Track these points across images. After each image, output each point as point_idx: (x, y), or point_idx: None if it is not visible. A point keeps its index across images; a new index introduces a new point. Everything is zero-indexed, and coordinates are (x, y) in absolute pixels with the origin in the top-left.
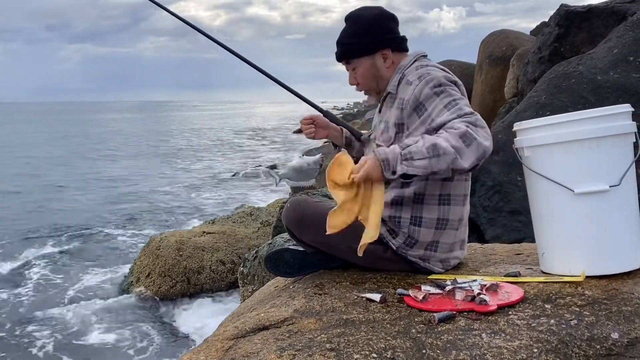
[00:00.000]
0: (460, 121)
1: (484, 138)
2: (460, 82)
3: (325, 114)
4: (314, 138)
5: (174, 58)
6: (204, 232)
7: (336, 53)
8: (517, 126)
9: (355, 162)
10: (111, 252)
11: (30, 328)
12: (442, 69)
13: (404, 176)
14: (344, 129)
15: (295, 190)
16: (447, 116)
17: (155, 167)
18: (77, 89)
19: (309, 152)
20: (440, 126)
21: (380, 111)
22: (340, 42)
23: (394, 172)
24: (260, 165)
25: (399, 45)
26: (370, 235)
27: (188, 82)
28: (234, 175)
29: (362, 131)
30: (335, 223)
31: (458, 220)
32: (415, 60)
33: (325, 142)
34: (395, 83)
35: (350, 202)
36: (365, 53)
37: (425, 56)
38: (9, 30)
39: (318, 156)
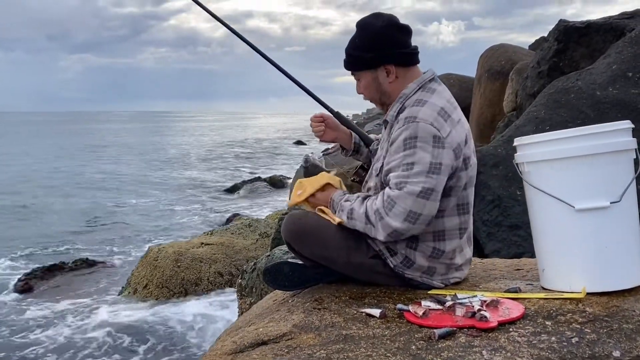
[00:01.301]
0: (389, 192)
1: (395, 218)
2: (443, 137)
3: (337, 115)
4: (321, 138)
5: (173, 69)
6: (202, 243)
7: (344, 61)
8: (517, 141)
9: (362, 168)
10: (108, 262)
11: (27, 344)
12: (440, 109)
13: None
14: (354, 134)
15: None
16: (394, 178)
17: (149, 177)
18: (77, 99)
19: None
20: (388, 183)
21: (385, 127)
22: (346, 52)
23: (334, 211)
24: (259, 178)
25: (405, 60)
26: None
27: (188, 92)
28: (232, 187)
29: (372, 135)
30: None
31: (452, 251)
32: (419, 89)
33: (329, 150)
34: (394, 113)
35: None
36: (367, 67)
37: (432, 79)
38: (9, 39)
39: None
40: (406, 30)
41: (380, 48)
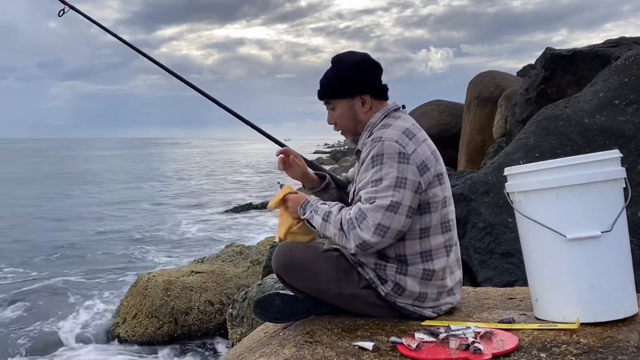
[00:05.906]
0: (361, 205)
1: (366, 230)
2: (408, 153)
3: (311, 164)
4: (287, 170)
5: (165, 95)
6: (193, 271)
7: (318, 91)
8: (508, 171)
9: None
10: (97, 291)
11: None
12: (405, 129)
13: (308, 221)
14: (327, 176)
15: None
16: (364, 193)
17: (137, 203)
18: (68, 126)
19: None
20: (360, 200)
21: (358, 159)
22: (322, 82)
23: (304, 213)
24: (250, 204)
25: (379, 92)
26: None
27: (179, 119)
28: (223, 213)
29: (345, 173)
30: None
31: (442, 271)
32: (384, 116)
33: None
34: (364, 140)
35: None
36: (344, 95)
37: (397, 109)
38: (0, 67)
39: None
40: (379, 67)
41: (357, 78)
